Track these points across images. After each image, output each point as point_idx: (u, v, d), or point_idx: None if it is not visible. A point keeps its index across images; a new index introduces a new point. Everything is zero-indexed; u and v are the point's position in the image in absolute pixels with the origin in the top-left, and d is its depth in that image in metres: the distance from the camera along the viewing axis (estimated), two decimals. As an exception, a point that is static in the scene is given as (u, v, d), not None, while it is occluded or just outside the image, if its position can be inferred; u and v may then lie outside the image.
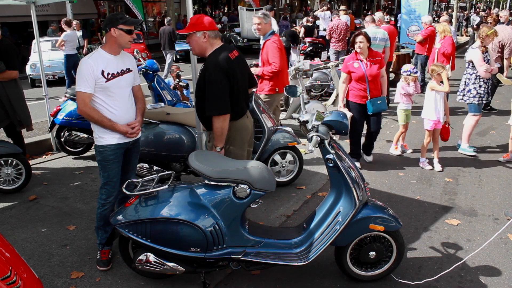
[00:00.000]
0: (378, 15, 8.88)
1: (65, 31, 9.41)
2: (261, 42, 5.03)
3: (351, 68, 4.92)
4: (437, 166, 5.15)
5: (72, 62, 9.48)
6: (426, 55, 8.89)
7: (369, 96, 4.86)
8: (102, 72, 2.96)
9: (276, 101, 5.12)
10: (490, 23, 9.87)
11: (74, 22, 11.43)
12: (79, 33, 11.64)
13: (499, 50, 7.60)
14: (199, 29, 3.03)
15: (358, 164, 5.14)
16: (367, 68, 4.84)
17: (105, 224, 3.21)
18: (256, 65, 5.22)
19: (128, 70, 3.14)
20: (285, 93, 5.96)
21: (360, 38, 4.82)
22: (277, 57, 4.78)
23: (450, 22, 11.56)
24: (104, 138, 3.07)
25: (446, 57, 7.10)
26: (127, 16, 3.05)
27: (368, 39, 4.83)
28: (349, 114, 4.85)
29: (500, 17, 9.16)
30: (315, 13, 13.57)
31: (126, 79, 3.12)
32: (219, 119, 3.07)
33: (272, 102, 5.02)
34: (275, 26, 10.29)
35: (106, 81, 2.97)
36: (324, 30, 13.09)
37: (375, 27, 7.47)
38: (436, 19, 22.88)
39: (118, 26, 2.95)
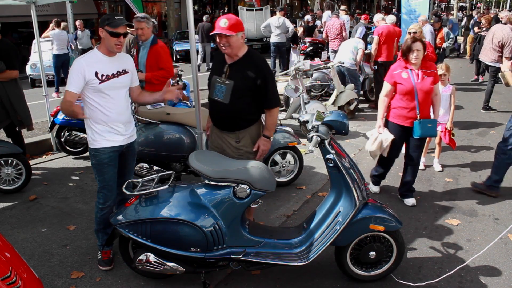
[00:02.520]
0: (378, 16, 8.90)
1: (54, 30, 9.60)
2: (145, 46, 4.87)
3: (398, 78, 3.95)
4: (437, 166, 5.15)
5: (60, 62, 9.66)
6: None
7: (418, 116, 3.90)
8: (96, 73, 2.89)
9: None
10: (483, 24, 9.85)
11: (78, 22, 11.48)
12: (86, 33, 11.66)
13: (499, 50, 7.61)
14: (240, 29, 3.01)
15: (376, 189, 4.50)
16: (418, 81, 3.88)
17: (105, 226, 3.21)
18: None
19: (124, 72, 3.07)
20: (285, 93, 5.97)
21: (417, 45, 3.85)
22: (170, 62, 4.87)
23: (441, 23, 11.45)
24: (98, 141, 3.02)
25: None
26: (120, 17, 2.94)
27: (424, 46, 3.91)
28: (390, 137, 4.01)
29: (501, 18, 9.16)
30: (324, 23, 13.64)
31: (122, 81, 3.06)
32: (278, 109, 3.23)
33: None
34: (290, 25, 10.53)
35: (100, 83, 2.91)
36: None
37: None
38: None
39: (104, 27, 2.87)
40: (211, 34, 3.12)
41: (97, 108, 2.98)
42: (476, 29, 12.20)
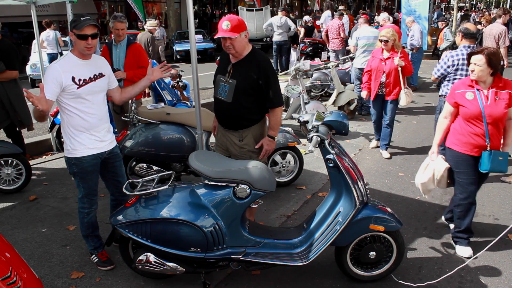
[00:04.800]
0: (384, 15, 8.86)
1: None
2: (121, 46, 4.92)
3: (460, 99, 3.25)
4: None
5: (51, 61, 9.96)
6: None
7: (488, 146, 3.18)
8: (73, 78, 2.79)
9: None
10: (483, 24, 9.83)
11: None
12: None
13: (498, 46, 7.70)
14: (243, 29, 3.01)
15: (469, 251, 3.40)
16: (487, 104, 3.15)
17: (94, 229, 3.21)
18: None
19: (101, 75, 2.99)
20: (285, 93, 5.96)
21: (477, 59, 3.16)
22: (147, 61, 4.95)
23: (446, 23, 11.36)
24: (78, 150, 2.93)
25: (405, 75, 5.36)
26: (85, 17, 2.81)
27: (491, 62, 3.12)
28: (444, 165, 3.37)
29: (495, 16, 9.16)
30: (321, 24, 13.65)
31: (99, 85, 2.98)
32: (281, 108, 3.23)
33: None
34: (292, 25, 10.69)
35: (78, 88, 2.82)
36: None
37: (370, 27, 7.57)
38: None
39: (72, 30, 2.77)
40: (215, 37, 3.14)
41: (77, 114, 2.88)
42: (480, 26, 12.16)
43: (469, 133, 3.24)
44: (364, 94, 5.69)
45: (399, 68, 5.23)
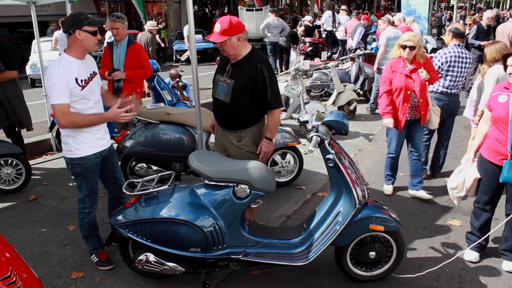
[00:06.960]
0: (399, 15, 8.81)
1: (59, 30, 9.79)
2: (121, 46, 4.90)
3: (493, 102, 3.09)
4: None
5: None
6: None
7: (509, 154, 2.95)
8: (76, 80, 2.79)
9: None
10: (470, 24, 9.79)
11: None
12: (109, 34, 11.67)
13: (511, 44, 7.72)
14: (234, 33, 2.97)
15: (473, 255, 3.30)
16: None
17: (94, 229, 3.21)
18: (106, 70, 4.89)
19: (95, 73, 3.00)
20: (285, 93, 5.97)
21: None
22: (148, 61, 4.99)
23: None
24: (83, 149, 2.94)
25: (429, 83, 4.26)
26: (90, 16, 2.87)
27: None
28: (474, 176, 3.24)
29: (487, 18, 9.11)
30: (325, 28, 13.63)
31: (96, 83, 3.00)
32: (279, 110, 3.20)
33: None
34: (286, 26, 10.75)
35: (82, 89, 2.82)
36: (325, 30, 13.13)
37: (394, 28, 7.46)
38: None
39: (83, 28, 2.76)
40: (206, 38, 3.14)
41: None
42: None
43: (494, 138, 3.07)
44: (389, 122, 4.09)
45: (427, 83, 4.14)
